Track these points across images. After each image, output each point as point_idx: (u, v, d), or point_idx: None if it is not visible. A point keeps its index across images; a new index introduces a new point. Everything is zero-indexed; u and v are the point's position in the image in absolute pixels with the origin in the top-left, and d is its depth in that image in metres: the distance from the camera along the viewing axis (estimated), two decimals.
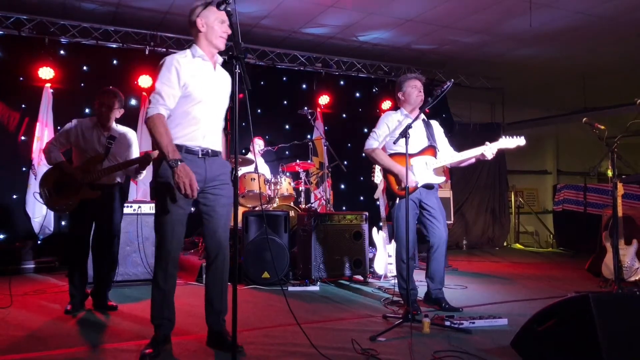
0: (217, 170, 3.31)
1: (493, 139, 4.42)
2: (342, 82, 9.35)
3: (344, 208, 8.88)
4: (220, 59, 3.39)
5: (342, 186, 9.00)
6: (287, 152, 8.52)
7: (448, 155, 4.57)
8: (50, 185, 4.25)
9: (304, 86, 9.07)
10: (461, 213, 10.13)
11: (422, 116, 4.64)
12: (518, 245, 10.71)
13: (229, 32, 3.21)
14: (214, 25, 3.22)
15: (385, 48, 8.95)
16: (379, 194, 6.16)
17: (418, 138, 4.52)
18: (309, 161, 7.66)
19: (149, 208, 5.69)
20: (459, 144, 4.70)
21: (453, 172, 9.83)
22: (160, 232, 3.20)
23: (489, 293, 5.33)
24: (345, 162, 7.82)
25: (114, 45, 7.62)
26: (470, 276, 6.49)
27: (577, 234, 8.93)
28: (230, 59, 2.67)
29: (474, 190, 10.33)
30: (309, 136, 8.62)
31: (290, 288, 5.37)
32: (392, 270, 5.94)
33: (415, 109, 4.59)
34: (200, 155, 3.24)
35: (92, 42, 7.44)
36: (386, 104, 9.42)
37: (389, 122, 4.53)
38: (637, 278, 5.51)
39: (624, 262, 5.59)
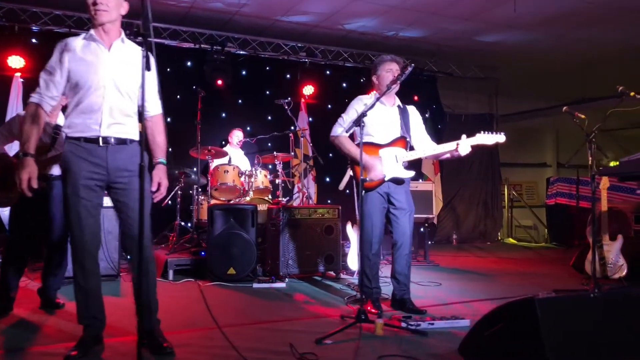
0: (125, 160, 3.06)
1: (486, 130, 4.12)
2: (328, 72, 9.08)
3: (329, 201, 8.63)
4: (120, 37, 3.09)
5: (327, 179, 8.75)
6: (269, 144, 8.26)
7: (420, 149, 4.26)
8: None
9: (288, 76, 8.81)
10: (452, 207, 9.84)
11: (398, 102, 4.38)
12: (511, 240, 10.42)
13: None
14: None
15: (373, 37, 8.66)
16: (343, 185, 5.91)
17: (390, 127, 4.24)
18: (292, 153, 7.42)
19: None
20: (450, 136, 4.34)
21: (444, 165, 9.57)
22: (70, 227, 3.02)
23: (462, 291, 5.08)
24: (331, 155, 7.58)
25: None
26: (449, 272, 6.24)
27: (570, 228, 8.64)
28: (137, 36, 2.44)
29: (465, 183, 10.03)
30: (292, 127, 8.37)
31: (255, 285, 5.13)
32: None
33: (390, 95, 4.31)
34: (100, 144, 3.01)
35: (65, 30, 7.22)
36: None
37: (358, 107, 4.21)
38: (621, 275, 5.23)
39: (607, 259, 5.32)
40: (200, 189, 6.64)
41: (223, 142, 7.76)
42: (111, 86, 3.02)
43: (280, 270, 5.39)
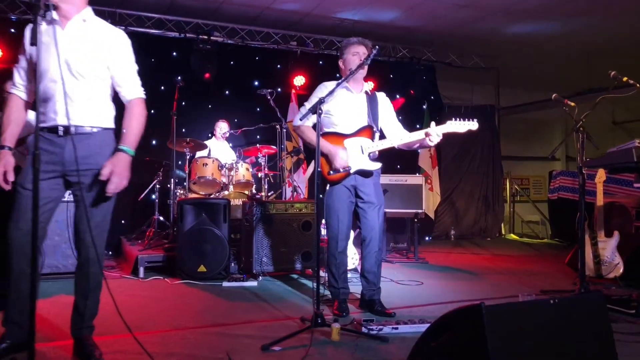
0: (87, 151, 2.78)
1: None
2: (321, 62, 8.75)
3: (321, 196, 8.33)
4: (83, 14, 2.82)
5: None
6: (258, 137, 7.96)
7: (387, 139, 3.97)
8: None
9: (279, 66, 8.51)
10: (451, 201, 9.46)
11: (366, 88, 4.09)
12: (513, 236, 10.01)
13: None
14: None
15: (367, 25, 8.33)
16: (306, 177, 5.63)
17: (356, 116, 3.95)
18: (282, 146, 7.13)
19: None
20: None
21: (442, 158, 9.20)
22: (9, 218, 2.75)
23: (443, 291, 4.78)
24: None
25: None
26: (436, 270, 5.92)
27: (573, 223, 8.21)
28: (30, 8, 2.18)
29: (465, 177, 9.62)
30: (282, 120, 8.08)
31: (225, 284, 4.87)
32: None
33: (357, 81, 4.02)
34: (60, 134, 2.76)
35: None
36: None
37: (321, 94, 3.81)
38: (617, 274, 4.88)
39: (602, 257, 4.98)
40: (185, 183, 6.41)
41: (210, 135, 7.50)
42: (66, 68, 2.75)
43: (253, 268, 5.11)
